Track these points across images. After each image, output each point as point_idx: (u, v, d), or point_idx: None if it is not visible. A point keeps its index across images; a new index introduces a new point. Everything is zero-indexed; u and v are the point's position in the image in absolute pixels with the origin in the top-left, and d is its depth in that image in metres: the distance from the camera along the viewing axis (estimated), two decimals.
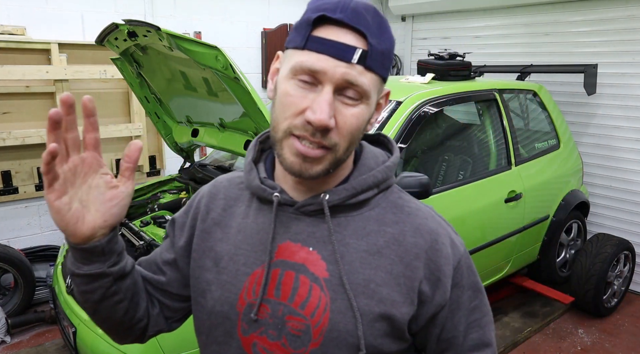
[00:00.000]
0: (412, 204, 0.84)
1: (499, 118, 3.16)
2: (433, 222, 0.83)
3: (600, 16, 3.78)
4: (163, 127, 3.12)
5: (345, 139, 0.73)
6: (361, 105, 0.72)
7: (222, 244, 0.85)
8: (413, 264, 0.79)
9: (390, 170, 0.83)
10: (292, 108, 0.71)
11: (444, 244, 0.81)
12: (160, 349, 1.88)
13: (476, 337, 0.87)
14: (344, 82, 0.69)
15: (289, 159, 0.73)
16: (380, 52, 0.71)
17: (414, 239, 0.80)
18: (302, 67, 0.70)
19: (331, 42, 0.69)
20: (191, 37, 2.07)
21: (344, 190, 0.79)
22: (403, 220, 0.81)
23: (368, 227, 0.80)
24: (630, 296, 3.78)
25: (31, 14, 3.36)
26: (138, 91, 2.92)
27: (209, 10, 4.20)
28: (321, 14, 0.70)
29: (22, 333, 3.17)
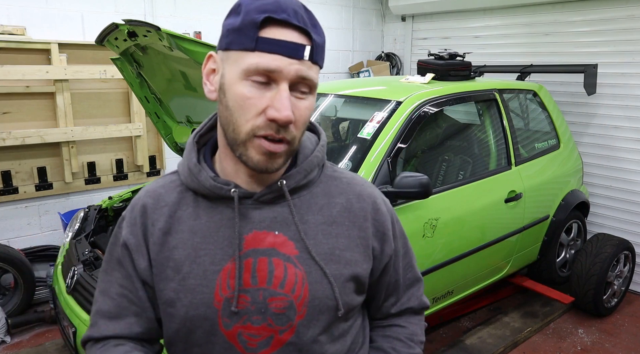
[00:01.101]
0: (346, 174, 0.96)
1: (499, 118, 3.16)
2: (369, 187, 0.96)
3: (600, 16, 3.78)
4: (163, 127, 3.12)
5: (300, 130, 0.79)
6: (310, 97, 0.79)
7: (178, 250, 0.85)
8: (364, 226, 0.91)
9: (324, 148, 0.92)
10: (252, 110, 0.75)
11: (381, 204, 0.95)
12: None
13: (411, 276, 1.04)
14: (297, 78, 0.75)
15: (256, 158, 0.78)
16: (321, 46, 0.78)
17: (360, 204, 0.92)
18: (258, 69, 0.73)
19: (282, 42, 0.73)
20: (191, 37, 2.07)
21: (297, 173, 0.86)
22: (345, 190, 0.92)
23: (319, 202, 0.89)
24: (630, 296, 3.78)
25: (31, 14, 3.36)
26: (138, 91, 2.92)
27: (209, 10, 4.20)
28: (267, 16, 0.73)
29: (22, 333, 3.17)
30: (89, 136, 3.54)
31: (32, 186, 3.48)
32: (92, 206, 2.94)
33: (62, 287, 2.39)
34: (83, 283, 2.23)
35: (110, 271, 0.92)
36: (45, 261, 3.56)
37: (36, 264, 3.53)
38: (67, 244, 2.66)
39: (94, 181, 3.74)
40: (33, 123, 3.40)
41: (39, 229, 3.61)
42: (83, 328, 2.09)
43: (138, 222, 0.89)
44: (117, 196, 3.03)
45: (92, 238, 2.67)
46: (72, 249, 2.54)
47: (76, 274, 2.29)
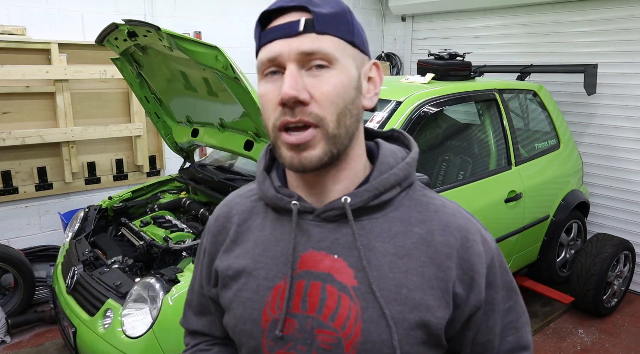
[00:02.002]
0: (437, 200, 0.80)
1: (499, 118, 3.16)
2: (461, 218, 0.78)
3: (600, 16, 3.78)
4: (163, 127, 3.12)
5: (329, 109, 0.68)
6: (332, 71, 0.68)
7: (239, 260, 0.81)
8: (445, 265, 0.74)
9: (411, 166, 0.78)
10: (269, 105, 0.71)
11: (476, 241, 0.77)
12: (160, 349, 1.88)
13: (512, 340, 0.83)
14: (301, 55, 0.67)
15: (287, 155, 0.71)
16: (330, 15, 0.69)
17: (444, 238, 0.75)
18: (262, 62, 0.71)
19: (276, 26, 0.70)
20: (191, 37, 2.07)
21: (365, 191, 0.74)
22: (430, 218, 0.77)
23: (394, 228, 0.75)
24: (630, 296, 3.78)
25: (31, 14, 3.36)
26: (138, 91, 2.92)
27: (209, 10, 4.20)
28: (263, 11, 0.71)
29: (22, 333, 3.17)
30: (89, 136, 3.54)
31: (32, 186, 3.48)
32: (92, 206, 2.94)
33: (62, 287, 2.39)
34: (83, 283, 2.23)
35: (196, 267, 0.93)
36: (45, 261, 3.56)
37: (36, 264, 3.53)
38: (67, 244, 2.66)
39: (94, 181, 3.74)
40: (33, 123, 3.40)
41: (39, 229, 3.61)
42: (83, 328, 2.10)
43: (212, 230, 0.88)
44: (117, 196, 3.03)
45: (92, 238, 2.67)
46: (72, 249, 2.54)
47: (76, 274, 2.29)
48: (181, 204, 2.94)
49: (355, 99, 0.71)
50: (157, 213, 2.87)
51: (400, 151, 0.81)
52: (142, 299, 1.99)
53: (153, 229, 2.64)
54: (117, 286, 2.11)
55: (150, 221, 2.74)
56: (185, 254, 2.34)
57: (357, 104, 0.72)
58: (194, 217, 2.82)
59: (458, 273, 0.74)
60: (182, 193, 3.12)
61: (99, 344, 1.99)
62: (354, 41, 0.71)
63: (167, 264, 2.33)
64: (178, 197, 3.06)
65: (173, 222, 2.72)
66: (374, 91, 0.76)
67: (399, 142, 0.85)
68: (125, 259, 2.38)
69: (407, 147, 0.84)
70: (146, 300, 1.98)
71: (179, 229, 2.63)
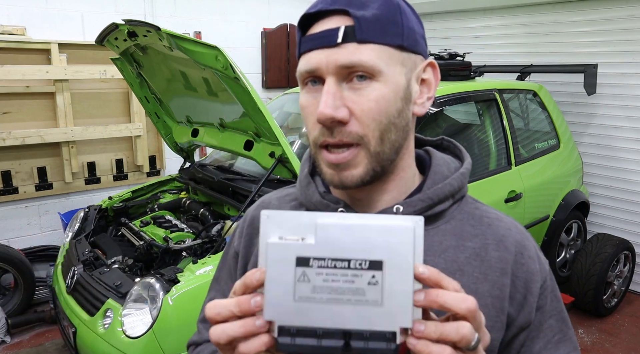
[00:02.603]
0: (491, 213, 0.75)
1: (499, 118, 3.16)
2: (518, 233, 0.73)
3: (600, 16, 3.78)
4: (163, 127, 3.12)
5: (371, 127, 0.63)
6: (375, 84, 0.62)
7: None
8: (500, 282, 0.69)
9: (465, 178, 0.74)
10: (310, 118, 0.66)
11: (531, 258, 0.71)
12: (160, 349, 1.88)
13: None
14: (340, 68, 0.62)
15: (327, 173, 0.67)
16: (374, 20, 0.62)
17: (498, 253, 0.70)
18: (302, 73, 0.66)
19: (314, 34, 0.63)
20: (191, 37, 2.07)
21: (419, 201, 0.69)
22: (483, 232, 0.72)
23: (445, 242, 0.70)
24: (630, 296, 3.78)
25: (31, 14, 3.36)
26: (138, 91, 2.92)
27: (209, 10, 4.20)
28: (303, 14, 0.65)
29: (22, 333, 3.17)
30: (89, 136, 3.55)
31: (32, 186, 3.48)
32: (92, 206, 2.94)
33: (62, 287, 2.39)
34: (83, 283, 2.23)
35: (220, 280, 0.88)
36: (45, 261, 3.57)
37: (36, 264, 3.53)
38: (67, 244, 2.66)
39: (94, 181, 3.74)
40: (33, 123, 3.40)
41: (39, 229, 3.61)
42: (83, 328, 2.10)
43: (244, 233, 0.83)
44: (117, 196, 3.03)
45: (92, 238, 2.67)
46: (72, 249, 2.54)
47: (76, 274, 2.29)
48: (181, 204, 2.94)
49: (402, 110, 0.65)
50: (157, 213, 2.87)
51: (452, 161, 0.77)
52: (142, 299, 1.99)
53: (153, 229, 2.64)
54: (117, 286, 2.11)
55: (150, 221, 2.74)
56: (185, 254, 2.34)
57: (404, 116, 0.66)
58: (194, 217, 2.82)
59: (511, 291, 0.69)
60: (182, 193, 3.12)
61: (99, 344, 1.99)
62: (403, 44, 0.64)
63: (167, 264, 2.33)
64: (178, 197, 3.06)
65: (173, 222, 2.72)
66: (427, 95, 0.70)
67: (449, 151, 0.81)
68: (125, 259, 2.38)
69: (457, 157, 0.80)
70: (146, 300, 1.98)
71: (179, 229, 2.63)
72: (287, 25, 4.66)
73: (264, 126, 2.25)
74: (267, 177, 2.37)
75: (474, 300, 0.47)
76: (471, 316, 0.47)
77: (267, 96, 4.66)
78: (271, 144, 2.40)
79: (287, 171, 2.41)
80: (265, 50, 4.57)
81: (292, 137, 3.07)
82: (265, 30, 4.55)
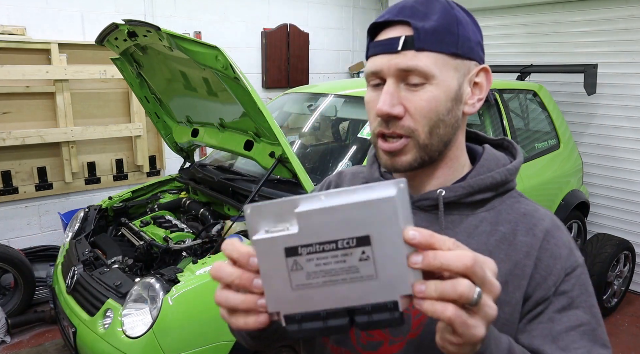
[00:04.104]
0: (529, 206, 0.82)
1: (499, 118, 3.16)
2: (550, 223, 0.79)
3: (600, 16, 3.78)
4: (163, 127, 3.12)
5: (422, 122, 0.74)
6: (428, 86, 0.73)
7: None
8: (522, 263, 0.76)
9: (511, 173, 0.81)
10: (371, 112, 0.77)
11: (558, 245, 0.77)
12: (160, 349, 1.88)
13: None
14: (399, 71, 0.73)
15: (382, 158, 0.78)
16: (431, 31, 0.72)
17: (526, 238, 0.77)
18: (367, 74, 0.77)
19: (379, 41, 0.75)
20: (191, 37, 2.07)
21: (460, 187, 0.79)
22: (517, 219, 0.79)
23: (481, 227, 0.79)
24: (630, 296, 3.78)
25: (31, 14, 3.36)
26: (138, 91, 2.92)
27: (209, 10, 4.20)
28: (372, 23, 0.77)
29: (22, 333, 3.17)
30: (89, 136, 3.55)
31: (32, 186, 3.48)
32: (92, 206, 2.94)
33: (62, 287, 2.39)
34: (83, 283, 2.23)
35: None
36: (45, 261, 3.57)
37: (36, 264, 3.53)
38: (67, 244, 2.66)
39: (94, 181, 3.74)
40: (33, 123, 3.40)
41: (39, 229, 3.61)
42: (83, 328, 2.10)
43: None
44: (117, 196, 3.03)
45: (92, 238, 2.67)
46: (72, 249, 2.54)
47: (76, 274, 2.29)
48: (181, 204, 2.94)
49: (451, 109, 0.75)
50: (157, 213, 2.87)
51: (504, 158, 0.84)
52: (142, 299, 1.99)
53: (153, 229, 2.64)
54: (117, 286, 2.11)
55: (150, 221, 2.74)
56: (185, 254, 2.34)
57: (454, 114, 0.76)
58: (194, 217, 2.82)
59: (533, 272, 0.75)
60: (182, 193, 3.12)
61: (99, 344, 1.99)
62: (458, 52, 0.74)
63: (167, 264, 2.33)
64: (178, 197, 3.06)
65: (173, 222, 2.72)
66: (477, 97, 0.79)
67: (507, 151, 0.88)
68: (125, 259, 2.38)
69: (513, 156, 0.86)
70: (146, 300, 1.98)
71: (179, 229, 2.63)
72: (287, 25, 4.66)
73: (264, 126, 2.25)
74: (267, 177, 2.37)
75: (471, 255, 0.49)
76: (470, 272, 0.49)
77: (267, 96, 4.66)
78: (271, 144, 2.40)
79: (287, 171, 2.41)
80: (265, 50, 4.57)
81: (292, 137, 3.08)
82: (265, 30, 4.55)
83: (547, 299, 0.75)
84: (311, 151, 3.03)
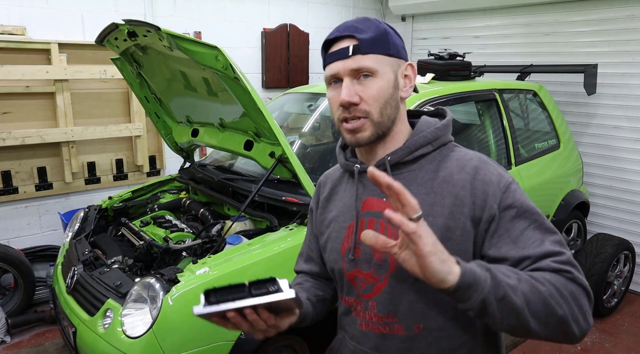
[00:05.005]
0: (461, 152, 1.03)
1: (499, 118, 3.16)
2: (478, 161, 1.00)
3: (600, 16, 3.78)
4: (163, 127, 3.12)
5: (374, 105, 0.97)
6: (375, 79, 0.97)
7: (330, 213, 1.15)
8: (460, 194, 0.96)
9: (440, 130, 1.03)
10: (335, 105, 1.01)
11: (487, 174, 0.97)
12: (160, 349, 1.88)
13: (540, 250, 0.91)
14: (351, 71, 0.97)
15: (347, 137, 1.01)
16: (370, 40, 0.96)
17: (460, 176, 0.98)
18: (327, 77, 1.01)
19: (333, 52, 0.99)
20: (191, 37, 2.07)
21: (400, 150, 1.02)
22: (452, 164, 1.01)
23: (426, 176, 1.01)
24: (630, 296, 3.78)
25: (31, 14, 3.36)
26: (138, 91, 2.92)
27: (209, 10, 4.20)
28: (325, 41, 1.02)
29: (22, 333, 3.17)
30: (89, 136, 3.55)
31: (32, 186, 3.48)
32: (92, 206, 2.94)
33: (62, 287, 2.39)
34: (83, 283, 2.23)
35: (307, 234, 1.27)
36: (45, 261, 3.57)
37: (36, 264, 3.53)
38: (67, 244, 2.66)
39: (94, 181, 3.74)
40: (33, 123, 3.40)
41: (39, 229, 3.61)
42: (83, 328, 2.10)
43: (315, 194, 1.23)
44: (117, 196, 3.03)
45: (92, 238, 2.67)
46: (72, 249, 2.54)
47: (76, 274, 2.29)
48: (181, 204, 2.94)
49: (393, 94, 0.99)
50: (157, 213, 2.87)
51: (436, 121, 1.06)
52: (142, 299, 1.99)
53: (153, 229, 2.64)
54: (117, 286, 2.11)
55: (150, 221, 2.74)
56: (185, 254, 2.34)
57: (395, 97, 1.00)
58: (194, 217, 2.82)
59: (473, 200, 0.95)
60: (182, 193, 3.12)
61: (99, 344, 1.99)
62: (390, 53, 0.99)
63: (167, 264, 2.33)
64: (178, 197, 3.06)
65: (173, 222, 2.72)
66: (409, 85, 1.04)
67: (441, 116, 1.11)
68: (125, 259, 2.38)
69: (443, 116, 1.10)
70: (146, 300, 1.98)
71: (179, 229, 2.63)
72: (287, 25, 4.66)
73: (264, 126, 2.25)
74: (267, 177, 2.37)
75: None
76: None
77: (267, 96, 4.66)
78: (271, 144, 2.40)
79: (287, 171, 2.41)
80: (265, 50, 4.57)
81: (292, 137, 3.08)
82: (265, 30, 4.55)
83: (494, 216, 0.94)
84: (311, 151, 3.03)
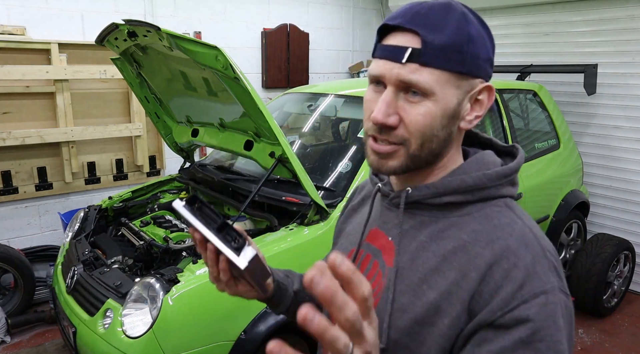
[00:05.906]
0: (506, 218, 0.74)
1: (499, 118, 3.16)
2: (518, 242, 0.71)
3: (600, 16, 3.78)
4: (163, 127, 3.12)
5: (415, 135, 0.73)
6: (426, 102, 0.71)
7: (348, 225, 0.99)
8: (469, 275, 0.70)
9: (490, 179, 0.76)
10: (367, 112, 0.77)
11: (517, 266, 0.68)
12: (160, 349, 1.88)
13: None
14: (400, 82, 0.71)
15: (370, 157, 0.78)
16: (439, 47, 0.70)
17: (482, 250, 0.71)
18: (370, 75, 0.77)
19: (386, 46, 0.73)
20: (191, 37, 2.07)
21: (425, 188, 0.78)
22: (484, 230, 0.73)
23: (447, 231, 0.75)
24: (630, 296, 3.78)
25: (31, 14, 3.36)
26: (138, 91, 2.92)
27: (209, 10, 4.20)
28: (383, 23, 0.75)
29: (22, 333, 3.17)
30: (89, 136, 3.55)
31: (32, 186, 3.48)
32: (92, 206, 2.94)
33: (62, 287, 2.39)
34: (83, 283, 2.23)
35: None
36: (45, 261, 3.57)
37: (36, 264, 3.53)
38: (67, 244, 2.66)
39: (94, 181, 3.74)
40: (33, 123, 3.40)
41: (39, 229, 3.61)
42: (83, 328, 2.09)
43: (349, 197, 1.06)
44: (117, 196, 3.03)
45: (92, 238, 2.67)
46: (72, 249, 2.54)
47: (76, 274, 2.29)
48: None
49: (446, 125, 0.74)
50: (157, 213, 2.87)
51: (494, 164, 0.79)
52: (142, 299, 1.99)
53: (153, 229, 2.64)
54: (117, 286, 2.11)
55: (150, 221, 2.74)
56: (185, 254, 2.34)
57: (448, 129, 0.75)
58: None
59: (481, 289, 0.68)
60: (182, 193, 3.12)
61: (99, 344, 1.99)
62: (463, 71, 0.72)
63: (167, 264, 2.33)
64: (178, 197, 3.06)
65: (173, 222, 2.72)
66: (476, 114, 0.77)
67: (511, 156, 0.84)
68: (125, 259, 2.38)
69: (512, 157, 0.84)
70: (146, 300, 1.98)
71: (179, 229, 2.63)
72: (287, 25, 4.66)
73: (264, 126, 2.25)
74: (267, 177, 2.37)
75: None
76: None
77: (267, 96, 4.66)
78: (271, 144, 2.40)
79: (287, 171, 2.41)
80: (265, 50, 4.57)
81: (292, 137, 3.08)
82: (265, 30, 4.55)
83: (490, 325, 0.66)
84: (311, 151, 3.03)
